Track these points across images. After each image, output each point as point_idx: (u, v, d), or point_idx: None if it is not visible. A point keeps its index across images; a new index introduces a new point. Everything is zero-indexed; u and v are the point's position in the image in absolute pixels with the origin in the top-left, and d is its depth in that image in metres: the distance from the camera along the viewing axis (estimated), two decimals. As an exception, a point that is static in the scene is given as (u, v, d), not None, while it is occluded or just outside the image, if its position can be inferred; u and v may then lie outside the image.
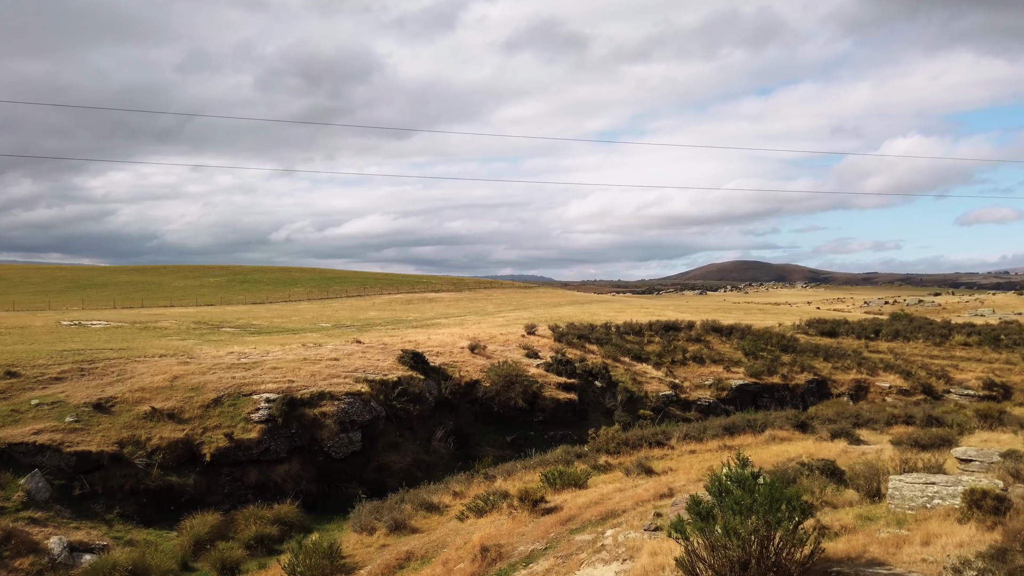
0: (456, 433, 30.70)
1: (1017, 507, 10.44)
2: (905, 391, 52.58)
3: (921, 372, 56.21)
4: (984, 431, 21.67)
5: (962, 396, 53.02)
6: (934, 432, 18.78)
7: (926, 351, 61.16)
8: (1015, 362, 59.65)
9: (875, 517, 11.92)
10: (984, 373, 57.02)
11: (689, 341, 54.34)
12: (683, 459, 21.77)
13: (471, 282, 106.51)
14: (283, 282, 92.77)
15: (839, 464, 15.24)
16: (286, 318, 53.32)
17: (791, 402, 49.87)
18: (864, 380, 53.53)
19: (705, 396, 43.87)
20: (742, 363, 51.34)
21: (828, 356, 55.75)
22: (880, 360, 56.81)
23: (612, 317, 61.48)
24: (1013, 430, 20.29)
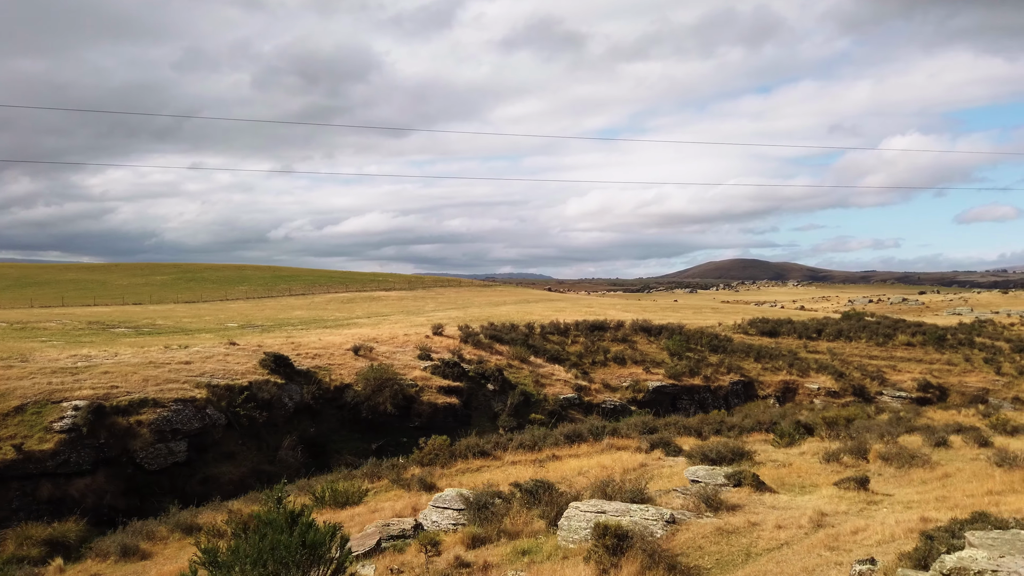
0: (313, 441, 29.39)
1: (649, 544, 9.18)
2: (834, 392, 51.45)
3: (856, 373, 55.09)
4: (813, 441, 20.48)
5: (894, 398, 51.94)
6: (732, 445, 17.54)
7: (867, 351, 60.04)
8: (956, 363, 58.58)
9: (533, 551, 10.64)
10: (922, 374, 55.93)
11: (614, 342, 53.09)
12: (496, 471, 20.53)
13: (429, 280, 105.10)
14: (231, 280, 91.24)
15: (573, 483, 13.99)
16: (198, 317, 51.92)
17: (713, 404, 48.69)
18: (793, 381, 52.38)
19: (613, 399, 42.63)
20: (665, 364, 50.14)
21: (760, 357, 54.58)
22: (815, 361, 55.68)
23: (548, 316, 60.20)
24: (843, 440, 19.09)
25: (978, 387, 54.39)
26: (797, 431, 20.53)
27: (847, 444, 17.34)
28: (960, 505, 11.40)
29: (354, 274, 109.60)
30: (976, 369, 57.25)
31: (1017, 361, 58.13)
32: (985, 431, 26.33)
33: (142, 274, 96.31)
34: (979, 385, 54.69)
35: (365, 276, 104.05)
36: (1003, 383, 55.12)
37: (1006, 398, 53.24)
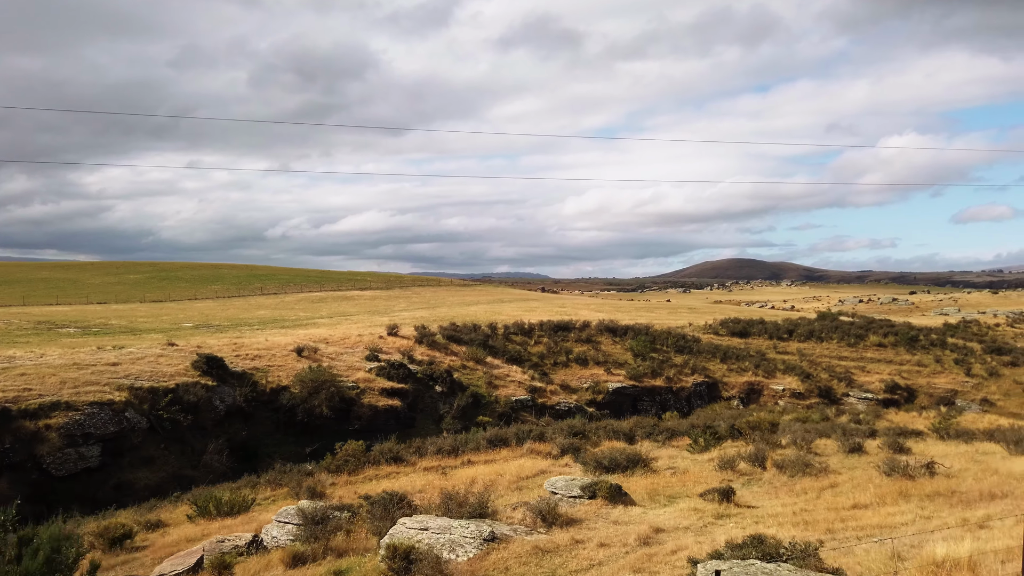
0: (244, 445, 28.84)
1: (440, 566, 8.71)
2: (799, 394, 51.01)
3: (823, 374, 54.66)
4: (733, 446, 19.97)
5: (860, 400, 51.54)
6: (629, 451, 17.02)
7: (838, 352, 59.63)
8: (926, 364, 58.21)
9: (349, 570, 10.14)
10: (890, 375, 55.55)
11: (578, 342, 52.56)
12: (404, 478, 19.98)
13: (408, 279, 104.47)
14: (206, 279, 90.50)
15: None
16: (155, 317, 51.30)
17: (675, 405, 48.22)
18: (758, 383, 51.91)
19: (569, 400, 42.10)
20: (628, 365, 49.64)
21: (727, 358, 54.12)
22: (783, 362, 55.24)
23: (517, 316, 59.65)
24: (738, 448, 18.60)
25: (947, 388, 54.00)
26: (710, 436, 20.02)
27: (746, 450, 16.86)
28: (815, 521, 10.90)
29: (332, 273, 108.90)
30: (946, 371, 56.86)
31: (988, 363, 57.75)
32: (926, 434, 25.92)
33: (116, 272, 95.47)
34: (948, 387, 54.30)
35: (343, 275, 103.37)
36: (972, 384, 54.74)
37: (974, 400, 52.88)
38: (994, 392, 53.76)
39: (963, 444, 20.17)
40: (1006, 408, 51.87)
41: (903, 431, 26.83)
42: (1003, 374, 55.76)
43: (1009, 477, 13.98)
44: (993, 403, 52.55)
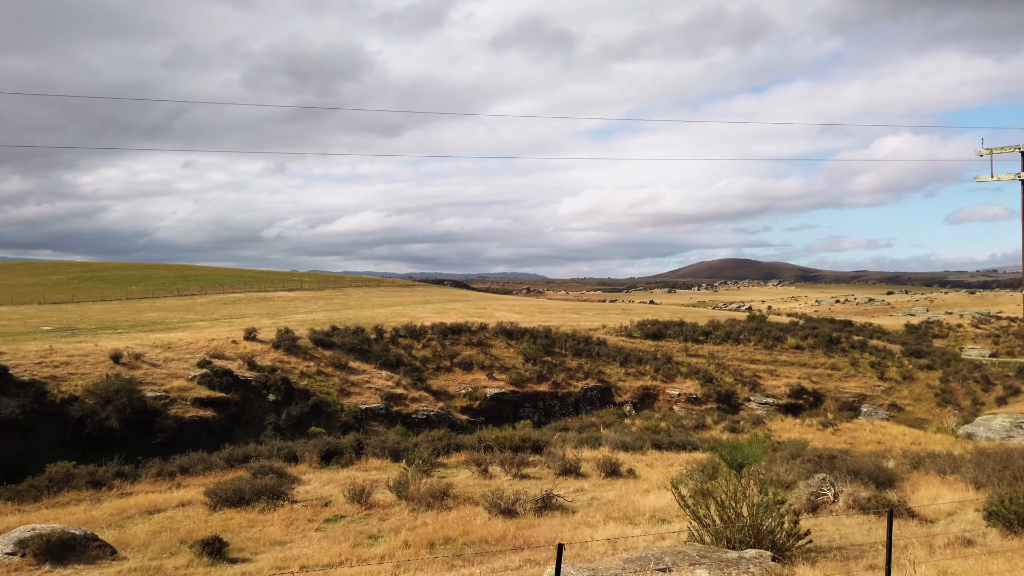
0: (11, 462, 27.00)
1: None
2: (696, 399, 49.27)
3: (729, 378, 52.91)
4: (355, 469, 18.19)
5: (762, 405, 49.85)
6: (262, 484, 15.17)
7: (752, 355, 57.86)
8: (841, 367, 56.50)
9: None
10: (800, 379, 53.83)
11: (469, 345, 50.74)
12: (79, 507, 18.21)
13: (348, 280, 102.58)
14: (130, 280, 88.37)
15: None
16: (22, 321, 49.44)
17: (561, 411, 46.54)
18: (654, 387, 50.15)
19: (430, 409, 40.24)
20: (515, 369, 47.84)
21: (628, 361, 52.32)
22: (689, 365, 53.46)
23: (426, 318, 57.80)
24: (379, 466, 16.84)
25: (855, 393, 52.31)
26: (424, 457, 18.21)
27: (392, 476, 15.06)
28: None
29: (269, 274, 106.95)
30: (860, 374, 55.16)
31: (905, 366, 56.04)
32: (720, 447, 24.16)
33: (41, 273, 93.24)
34: (857, 391, 52.60)
35: (280, 276, 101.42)
36: (884, 389, 53.04)
37: (882, 404, 51.21)
38: (905, 396, 52.08)
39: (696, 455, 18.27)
40: (913, 413, 50.20)
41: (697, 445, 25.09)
42: (918, 378, 54.08)
43: (625, 513, 12.21)
44: (902, 408, 50.90)
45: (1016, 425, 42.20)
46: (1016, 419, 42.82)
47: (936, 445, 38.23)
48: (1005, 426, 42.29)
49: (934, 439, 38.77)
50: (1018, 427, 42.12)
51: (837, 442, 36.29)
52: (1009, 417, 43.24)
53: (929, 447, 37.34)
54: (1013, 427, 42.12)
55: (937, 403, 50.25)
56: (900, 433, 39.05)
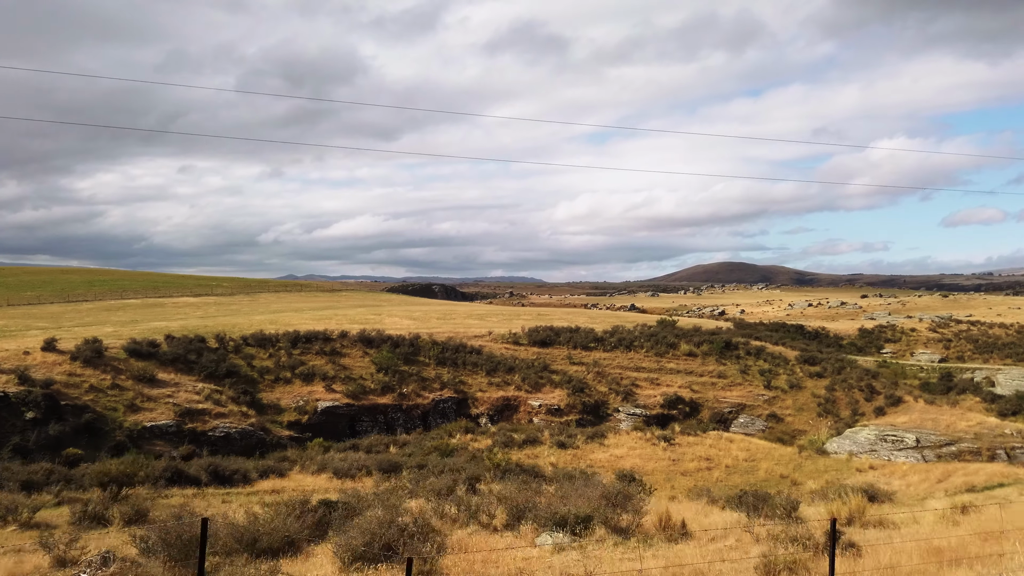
0: None
1: None
2: (558, 410, 46.92)
3: (603, 387, 50.57)
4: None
5: (630, 416, 47.50)
6: None
7: (639, 362, 55.45)
8: (729, 375, 54.13)
9: None
10: (680, 388, 51.50)
11: (320, 355, 48.28)
12: None
13: (274, 284, 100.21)
14: (33, 285, 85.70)
15: None
16: None
17: (407, 425, 44.16)
18: (515, 398, 47.79)
19: (235, 425, 37.79)
20: (361, 380, 45.47)
21: (496, 370, 49.88)
22: (565, 373, 51.04)
23: (303, 326, 55.45)
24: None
25: (735, 403, 49.95)
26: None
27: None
28: None
29: (185, 278, 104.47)
30: (747, 383, 52.80)
31: (796, 374, 53.68)
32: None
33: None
34: (737, 401, 50.24)
35: (193, 280, 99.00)
36: (767, 398, 50.68)
37: (761, 415, 48.90)
38: (787, 406, 49.74)
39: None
40: (792, 424, 47.87)
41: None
42: (805, 386, 51.75)
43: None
44: (781, 418, 48.56)
45: (881, 438, 39.96)
46: (882, 431, 40.57)
47: (777, 463, 35.91)
48: (870, 439, 40.08)
49: (782, 455, 36.46)
50: (882, 440, 39.88)
51: (651, 459, 34.01)
52: (876, 429, 41.03)
53: (763, 466, 35.05)
54: (877, 440, 39.88)
55: (818, 413, 47.96)
56: (743, 449, 36.72)
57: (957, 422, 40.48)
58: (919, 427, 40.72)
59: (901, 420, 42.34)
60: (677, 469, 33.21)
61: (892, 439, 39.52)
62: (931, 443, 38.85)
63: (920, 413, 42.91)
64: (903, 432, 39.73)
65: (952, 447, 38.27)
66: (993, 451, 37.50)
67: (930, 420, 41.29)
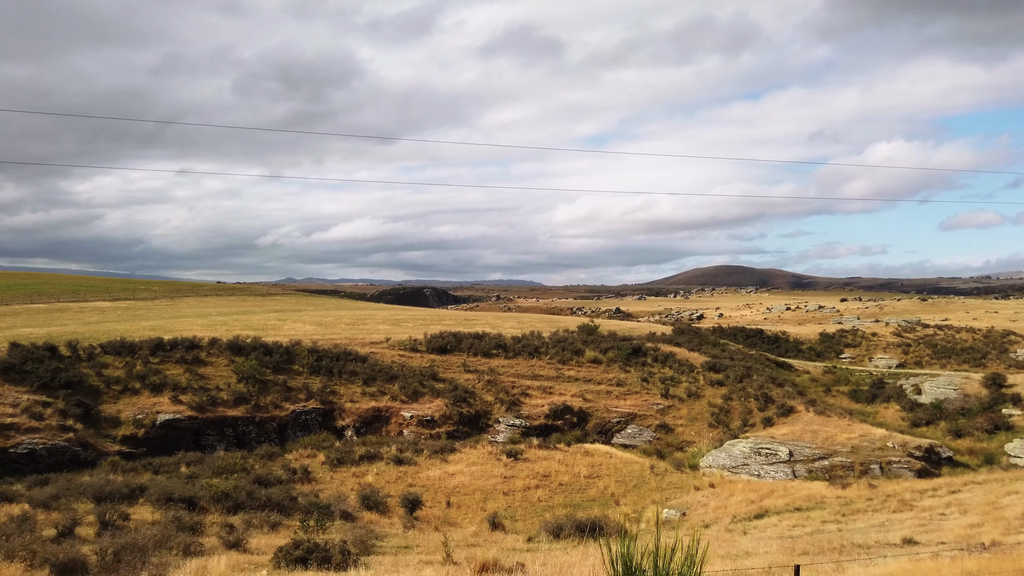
0: None
1: None
2: (432, 421, 44.63)
3: (489, 397, 48.28)
4: None
5: (510, 427, 45.28)
6: None
7: (540, 369, 53.10)
8: (629, 383, 51.81)
9: None
10: (573, 396, 49.20)
11: (181, 363, 45.94)
12: None
13: (208, 288, 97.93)
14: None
15: None
16: None
17: (260, 438, 41.76)
18: (387, 408, 45.48)
19: (51, 441, 35.53)
20: (216, 390, 43.17)
21: (374, 379, 47.56)
22: (452, 382, 48.73)
23: (179, 331, 53.24)
24: None
25: (626, 412, 47.64)
26: None
27: None
28: None
29: (111, 282, 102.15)
30: (646, 391, 50.47)
31: (699, 381, 51.30)
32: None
33: None
34: (630, 410, 47.93)
35: (121, 284, 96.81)
36: (662, 407, 48.36)
37: (651, 425, 46.63)
38: (681, 416, 47.42)
39: None
40: (682, 435, 45.54)
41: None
42: (704, 395, 49.43)
43: None
44: (672, 428, 46.25)
45: (755, 451, 37.71)
46: (757, 444, 38.31)
47: (619, 481, 33.54)
48: (745, 452, 37.85)
49: (631, 471, 34.16)
50: (756, 453, 37.62)
51: (484, 476, 31.74)
52: (752, 442, 38.80)
53: (601, 484, 32.70)
54: (752, 453, 37.64)
55: (709, 423, 45.68)
56: (592, 465, 34.47)
57: (839, 434, 38.19)
58: (797, 439, 38.43)
59: (783, 432, 40.05)
60: (504, 488, 30.98)
61: (766, 452, 37.24)
62: (804, 457, 36.57)
63: (804, 424, 40.62)
64: (777, 445, 37.45)
65: (825, 461, 35.98)
66: (867, 465, 35.21)
67: (810, 432, 39.01)
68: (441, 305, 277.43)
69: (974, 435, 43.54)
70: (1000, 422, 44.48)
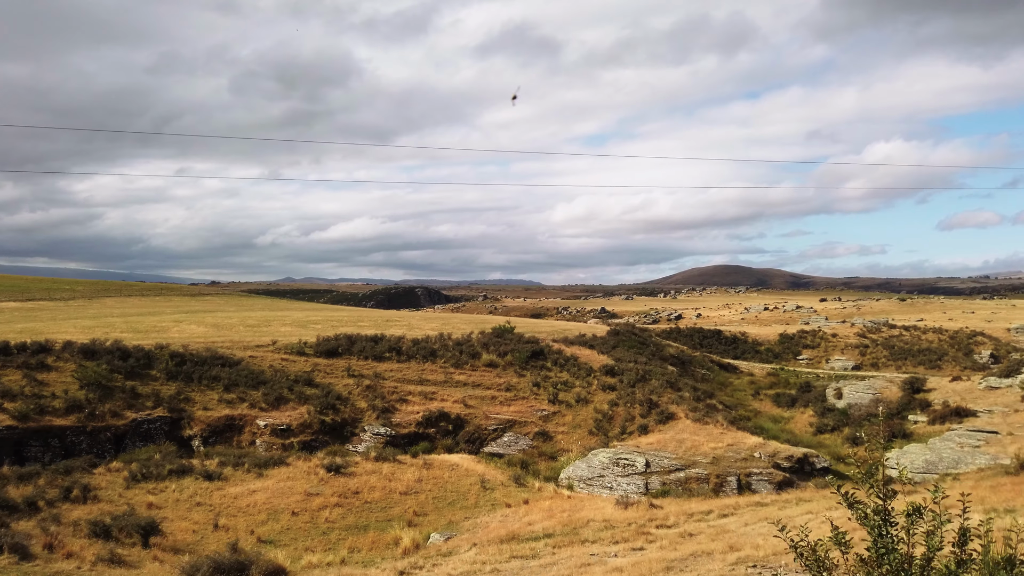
0: None
1: None
2: (288, 430, 41.94)
3: (362, 403, 45.64)
4: None
5: (376, 436, 42.66)
6: None
7: (428, 374, 50.50)
8: (519, 387, 49.24)
9: None
10: (455, 403, 46.56)
11: (22, 368, 43.18)
12: None
13: (139, 287, 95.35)
14: None
15: None
16: None
17: (91, 450, 38.99)
18: (242, 416, 42.77)
19: None
20: (47, 398, 40.51)
21: (235, 384, 44.92)
22: (325, 387, 46.11)
23: (45, 334, 50.67)
24: None
25: (506, 419, 44.99)
26: None
27: None
28: None
29: (37, 280, 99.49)
30: (533, 396, 47.84)
31: (592, 385, 48.58)
32: None
33: None
34: (511, 417, 45.27)
35: (43, 284, 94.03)
36: (546, 413, 45.71)
37: (529, 433, 44.02)
38: (565, 423, 44.77)
39: None
40: (560, 443, 42.94)
41: None
42: (592, 400, 46.83)
43: None
44: (552, 436, 43.66)
45: (614, 462, 35.06)
46: (617, 454, 35.66)
47: (436, 498, 30.88)
48: (604, 463, 35.25)
49: (459, 487, 31.46)
50: (615, 464, 34.98)
51: (288, 494, 29.05)
52: (612, 452, 36.22)
53: (411, 502, 30.02)
54: (611, 464, 35.01)
55: (590, 431, 43.01)
56: (418, 479, 31.79)
57: (705, 443, 35.54)
58: (661, 449, 35.76)
59: (651, 440, 37.41)
60: (299, 506, 28.36)
61: (624, 463, 34.58)
62: (661, 468, 33.90)
63: (676, 432, 37.97)
64: (636, 455, 34.78)
65: (681, 473, 33.31)
66: (724, 478, 32.53)
67: (676, 441, 36.37)
68: (432, 304, 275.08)
69: (870, 443, 40.62)
70: (898, 429, 41.77)
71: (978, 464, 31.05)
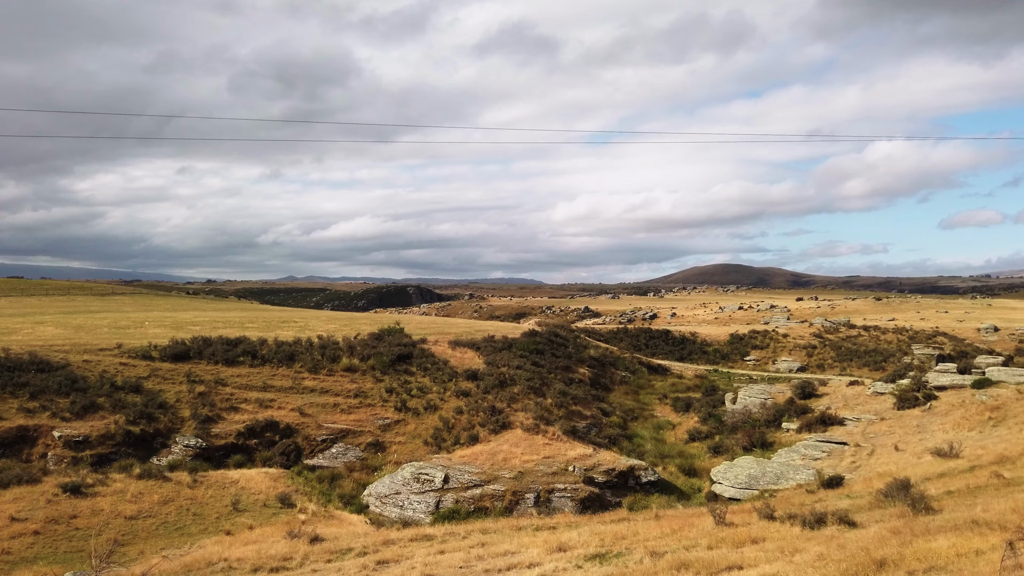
0: None
1: None
2: (85, 441, 38.36)
3: (185, 411, 42.21)
4: None
5: (188, 448, 39.13)
6: None
7: (279, 380, 47.02)
8: (370, 394, 45.96)
9: None
10: (290, 411, 43.02)
11: None
12: None
13: (50, 286, 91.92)
14: None
15: None
16: None
17: None
18: (37, 427, 39.16)
19: None
20: None
21: (41, 391, 41.36)
22: (144, 392, 42.51)
23: None
24: None
25: (341, 429, 41.56)
26: None
27: None
28: None
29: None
30: (381, 404, 44.39)
31: (448, 392, 44.96)
32: None
33: None
34: (347, 426, 41.84)
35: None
36: (388, 422, 42.31)
37: (362, 444, 40.79)
38: (406, 432, 41.36)
39: None
40: (395, 454, 39.78)
41: None
42: (441, 408, 43.18)
43: None
44: (387, 447, 40.48)
45: (415, 477, 31.72)
46: (420, 469, 32.61)
47: (167, 522, 27.36)
48: (406, 478, 32.03)
49: (212, 509, 27.91)
50: (415, 480, 31.69)
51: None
52: (416, 467, 33.04)
53: (139, 523, 26.48)
54: (411, 480, 31.60)
55: (426, 441, 39.47)
56: (168, 500, 28.28)
57: (518, 456, 32.18)
58: (470, 462, 32.32)
59: (469, 452, 34.05)
60: (-8, 533, 24.68)
61: (424, 479, 31.18)
62: (460, 483, 30.48)
63: (499, 443, 34.65)
64: (437, 471, 31.35)
65: (478, 489, 29.90)
66: (521, 495, 29.12)
67: (490, 453, 32.98)
68: (424, 303, 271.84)
69: (730, 452, 37.19)
70: (758, 438, 38.20)
71: (798, 480, 27.65)
